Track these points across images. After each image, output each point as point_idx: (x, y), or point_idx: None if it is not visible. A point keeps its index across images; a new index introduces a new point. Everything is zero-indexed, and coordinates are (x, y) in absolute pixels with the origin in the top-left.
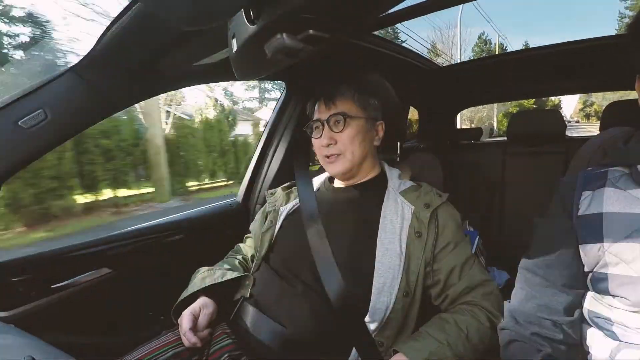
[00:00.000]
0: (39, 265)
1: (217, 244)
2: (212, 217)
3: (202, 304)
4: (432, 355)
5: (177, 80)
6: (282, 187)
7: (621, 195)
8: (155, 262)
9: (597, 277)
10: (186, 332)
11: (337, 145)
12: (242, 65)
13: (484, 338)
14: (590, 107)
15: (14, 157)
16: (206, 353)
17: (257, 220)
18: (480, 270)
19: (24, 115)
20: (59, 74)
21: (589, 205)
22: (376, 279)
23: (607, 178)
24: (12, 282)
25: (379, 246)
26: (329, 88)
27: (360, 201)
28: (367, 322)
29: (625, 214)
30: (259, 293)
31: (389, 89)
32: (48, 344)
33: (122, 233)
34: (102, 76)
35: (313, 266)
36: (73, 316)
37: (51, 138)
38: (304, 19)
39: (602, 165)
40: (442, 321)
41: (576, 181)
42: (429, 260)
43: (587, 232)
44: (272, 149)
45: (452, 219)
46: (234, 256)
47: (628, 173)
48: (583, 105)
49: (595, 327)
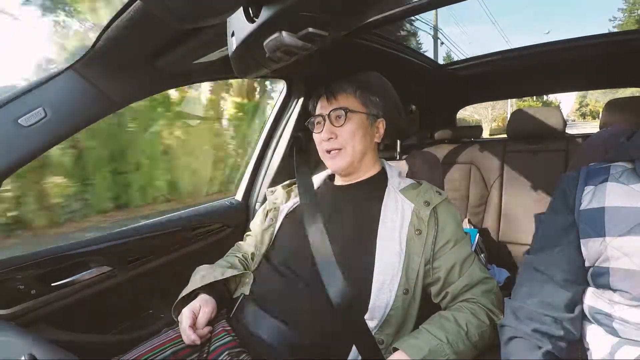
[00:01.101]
0: (39, 263)
1: (217, 242)
2: (213, 215)
3: (202, 301)
4: (432, 353)
5: (177, 78)
6: (282, 185)
7: (624, 189)
8: (155, 260)
9: (598, 272)
10: (185, 330)
11: (338, 140)
12: (241, 63)
13: (483, 335)
14: (585, 108)
15: (13, 155)
16: (206, 350)
17: (258, 218)
18: (480, 267)
19: (23, 114)
20: (59, 72)
21: (591, 199)
22: (376, 277)
23: (609, 173)
24: (12, 279)
25: (379, 244)
26: (330, 84)
27: (360, 199)
28: (367, 319)
29: (628, 208)
30: (259, 291)
31: (389, 87)
32: (48, 342)
33: (122, 231)
34: (101, 74)
35: (313, 264)
36: (73, 314)
37: (51, 136)
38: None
39: (604, 160)
40: (442, 319)
41: (578, 176)
42: (428, 258)
43: (589, 226)
44: (272, 147)
45: (452, 217)
46: (234, 254)
47: (631, 168)
48: (579, 105)
49: (595, 323)
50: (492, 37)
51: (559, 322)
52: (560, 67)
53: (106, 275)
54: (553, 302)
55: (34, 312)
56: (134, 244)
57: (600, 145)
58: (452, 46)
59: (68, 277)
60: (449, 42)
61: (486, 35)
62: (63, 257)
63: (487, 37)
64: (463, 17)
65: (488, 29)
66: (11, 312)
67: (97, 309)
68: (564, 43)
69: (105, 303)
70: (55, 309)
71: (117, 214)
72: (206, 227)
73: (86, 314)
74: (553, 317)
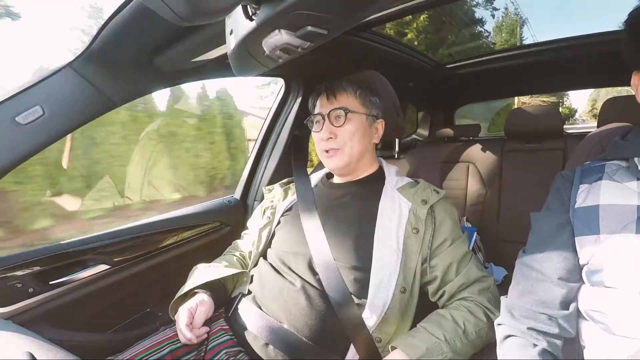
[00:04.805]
0: (37, 262)
1: (215, 241)
2: (211, 213)
3: (199, 300)
4: (429, 351)
5: (175, 76)
6: (279, 184)
7: (618, 187)
8: (153, 258)
9: (592, 269)
10: (182, 329)
11: (337, 140)
12: (240, 61)
13: (481, 334)
14: (596, 110)
15: (10, 154)
16: (204, 349)
17: (255, 216)
18: (477, 266)
19: (21, 112)
20: (56, 70)
21: (586, 197)
22: (373, 275)
23: (604, 171)
24: (10, 278)
25: (376, 242)
26: (330, 83)
27: (357, 197)
28: (365, 318)
29: (622, 206)
30: (257, 289)
31: (388, 86)
32: (46, 340)
33: (120, 230)
34: (99, 72)
35: (311, 262)
36: (71, 312)
37: (48, 134)
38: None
39: (599, 159)
40: (439, 317)
41: (574, 175)
42: (425, 256)
43: (583, 224)
44: (270, 146)
45: (450, 216)
46: (232, 253)
47: (625, 166)
48: (591, 107)
49: (590, 320)
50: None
51: (554, 320)
52: (560, 66)
53: (104, 273)
54: (548, 300)
55: (32, 311)
56: (132, 242)
57: (597, 143)
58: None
59: (66, 275)
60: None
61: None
62: (61, 256)
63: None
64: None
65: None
66: (9, 310)
67: (95, 307)
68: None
69: (103, 301)
70: (54, 307)
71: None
72: (204, 226)
73: (84, 312)
74: (548, 315)
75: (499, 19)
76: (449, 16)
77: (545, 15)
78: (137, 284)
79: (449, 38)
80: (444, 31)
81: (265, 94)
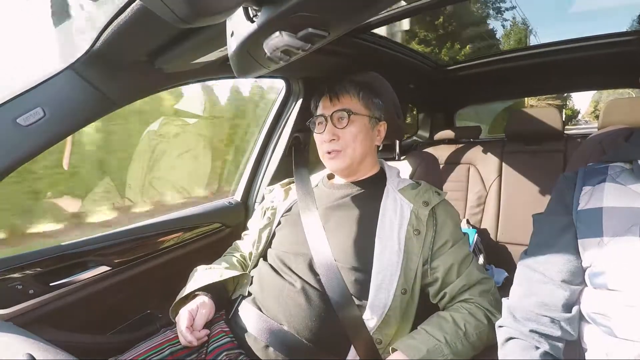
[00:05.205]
0: (37, 263)
1: (216, 242)
2: (211, 215)
3: (200, 302)
4: (430, 353)
5: (176, 78)
6: (280, 184)
7: (621, 190)
8: (154, 260)
9: (595, 272)
10: (183, 331)
11: (339, 142)
12: (240, 63)
13: (481, 336)
14: (599, 111)
15: (12, 155)
16: (204, 351)
17: (255, 217)
18: (478, 268)
19: (22, 113)
20: (57, 71)
21: (589, 200)
22: (374, 277)
23: (607, 173)
24: (11, 279)
25: (377, 243)
26: (333, 84)
27: (359, 198)
28: (366, 319)
29: (625, 208)
30: (257, 291)
31: (389, 88)
32: (47, 342)
33: (120, 231)
34: (100, 74)
35: (311, 263)
36: (71, 314)
37: (49, 136)
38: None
39: (602, 161)
40: (440, 319)
41: (576, 177)
42: (427, 258)
43: (586, 226)
44: (271, 147)
45: (451, 217)
46: (232, 254)
47: (629, 169)
48: (594, 108)
49: (592, 323)
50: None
51: (557, 323)
52: (562, 68)
53: (104, 275)
54: (550, 303)
55: (33, 312)
56: (133, 244)
57: (598, 145)
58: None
59: (66, 277)
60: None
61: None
62: (61, 257)
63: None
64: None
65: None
66: (9, 312)
67: (96, 308)
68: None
69: (103, 303)
70: (54, 308)
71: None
72: (205, 227)
73: (84, 313)
74: (550, 318)
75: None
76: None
77: (549, 20)
78: (138, 286)
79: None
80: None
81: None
